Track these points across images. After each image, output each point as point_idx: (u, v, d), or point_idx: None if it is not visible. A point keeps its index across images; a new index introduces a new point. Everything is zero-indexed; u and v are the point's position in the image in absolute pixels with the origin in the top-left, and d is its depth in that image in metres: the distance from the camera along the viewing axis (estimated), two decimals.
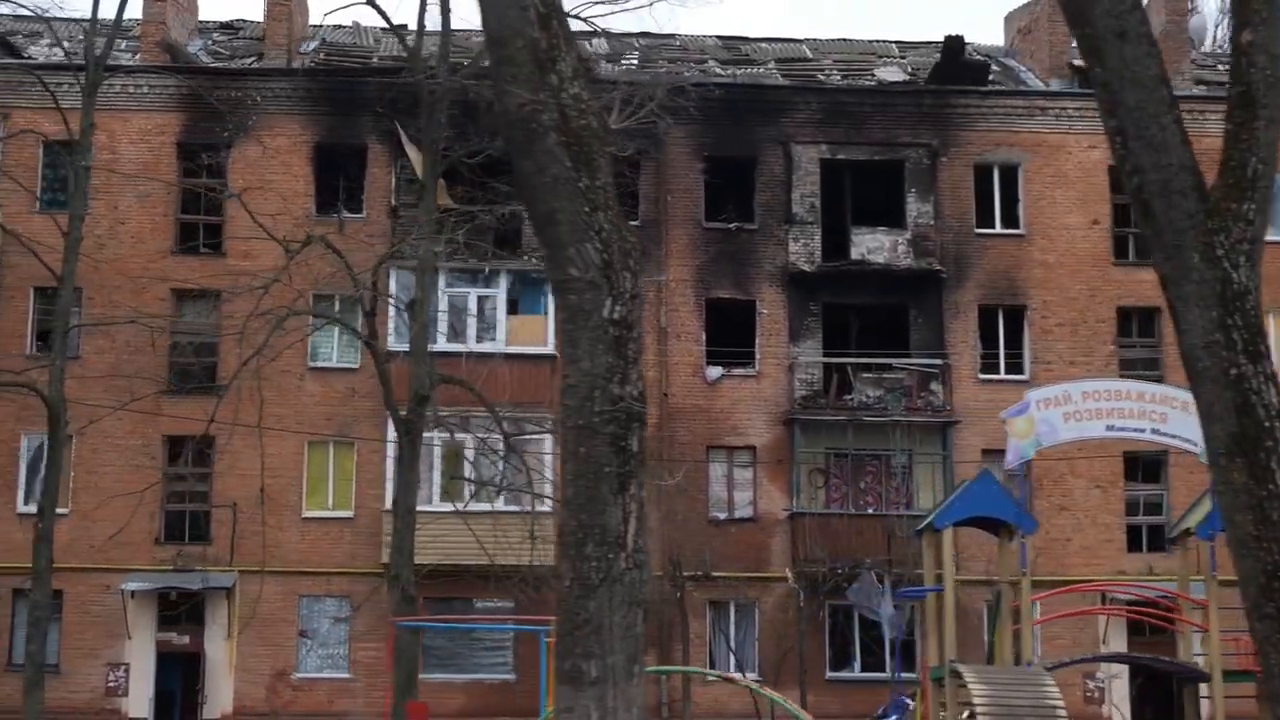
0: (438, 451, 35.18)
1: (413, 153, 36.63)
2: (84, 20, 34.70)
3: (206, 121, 36.72)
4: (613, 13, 26.31)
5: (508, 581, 32.91)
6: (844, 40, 45.58)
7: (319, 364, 36.38)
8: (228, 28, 43.35)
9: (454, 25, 29.34)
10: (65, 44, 39.66)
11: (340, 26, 42.97)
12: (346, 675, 35.16)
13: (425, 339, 26.66)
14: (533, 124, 9.72)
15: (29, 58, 38.69)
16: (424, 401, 25.88)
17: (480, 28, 10.33)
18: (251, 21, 43.35)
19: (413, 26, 30.78)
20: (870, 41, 45.64)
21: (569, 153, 9.77)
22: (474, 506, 34.85)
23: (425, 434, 34.61)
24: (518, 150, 9.93)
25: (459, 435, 31.20)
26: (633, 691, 9.69)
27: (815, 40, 45.40)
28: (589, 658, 9.62)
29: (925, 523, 23.79)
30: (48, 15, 32.85)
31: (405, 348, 35.20)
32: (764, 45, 44.35)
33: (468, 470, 33.31)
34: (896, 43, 45.04)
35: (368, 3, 26.79)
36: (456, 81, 27.49)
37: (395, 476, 34.78)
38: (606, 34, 31.83)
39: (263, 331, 34.58)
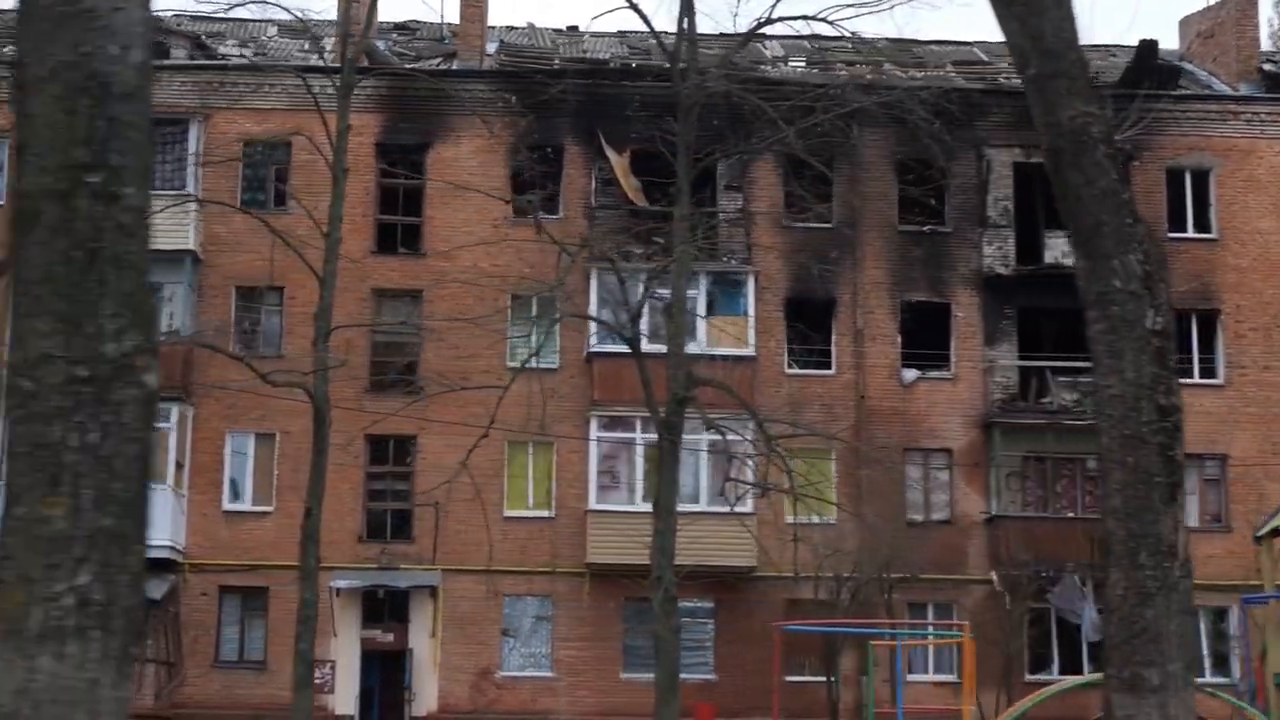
0: (640, 451, 35.41)
1: (612, 155, 36.89)
2: (321, 22, 35.15)
3: (406, 122, 37.12)
4: (859, 15, 26.10)
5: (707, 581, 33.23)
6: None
7: (517, 364, 36.52)
8: (403, 29, 43.69)
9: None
10: (248, 45, 40.32)
11: (514, 28, 43.29)
12: (549, 674, 35.37)
13: (683, 340, 26.75)
14: (1084, 136, 9.80)
15: (223, 58, 39.13)
16: (684, 403, 25.99)
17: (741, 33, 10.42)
18: (424, 22, 43.64)
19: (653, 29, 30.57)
20: None
21: (1114, 164, 9.89)
22: (683, 507, 35.16)
23: (629, 434, 35.03)
24: (1066, 162, 9.99)
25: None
26: (1189, 699, 9.76)
27: (985, 43, 45.25)
28: (1149, 665, 9.67)
29: (1265, 528, 23.67)
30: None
31: (607, 348, 35.74)
32: (935, 48, 44.28)
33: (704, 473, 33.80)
34: None
35: (630, 6, 26.72)
36: (724, 86, 27.57)
37: (594, 478, 35.22)
38: (857, 39, 31.88)
39: (461, 332, 35.13)
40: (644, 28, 30.08)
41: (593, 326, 35.81)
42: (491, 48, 42.00)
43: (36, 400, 5.09)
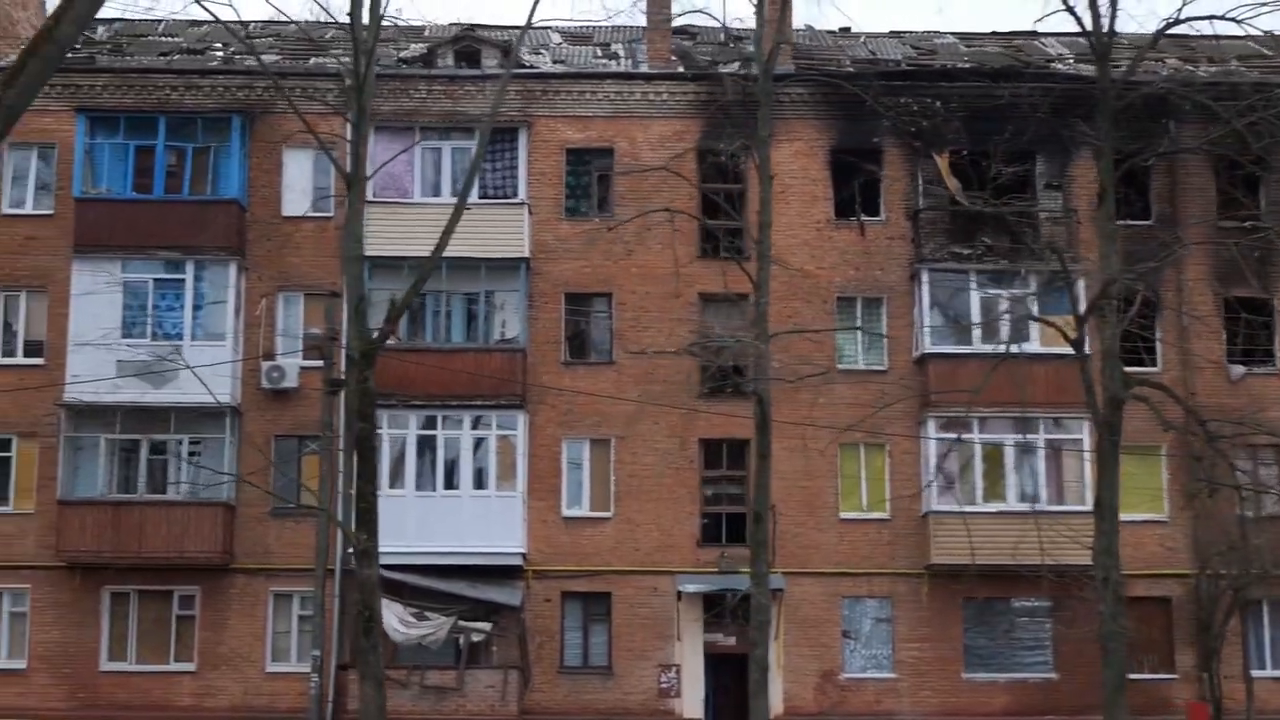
0: (979, 451, 35.44)
1: (939, 159, 36.84)
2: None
3: (726, 127, 37.11)
4: (1262, 13, 25.94)
5: (1048, 581, 33.12)
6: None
7: (845, 365, 36.64)
8: (682, 33, 43.60)
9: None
10: (540, 52, 40.35)
11: (799, 30, 43.21)
12: (891, 675, 35.38)
13: (1116, 344, 26.77)
14: None
15: (531, 66, 39.19)
16: (1119, 405, 25.99)
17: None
18: (701, 27, 43.51)
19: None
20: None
21: None
22: (1015, 506, 35.24)
23: (968, 435, 34.95)
24: None
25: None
26: None
27: None
28: None
29: None
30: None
31: (943, 349, 35.77)
32: None
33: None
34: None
35: (1066, 8, 26.65)
36: (1160, 88, 27.57)
37: (931, 479, 35.18)
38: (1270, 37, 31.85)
39: (788, 334, 35.14)
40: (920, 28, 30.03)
41: (924, 327, 35.90)
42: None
43: None
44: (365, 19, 25.27)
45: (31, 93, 15.23)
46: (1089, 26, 27.20)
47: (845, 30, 43.85)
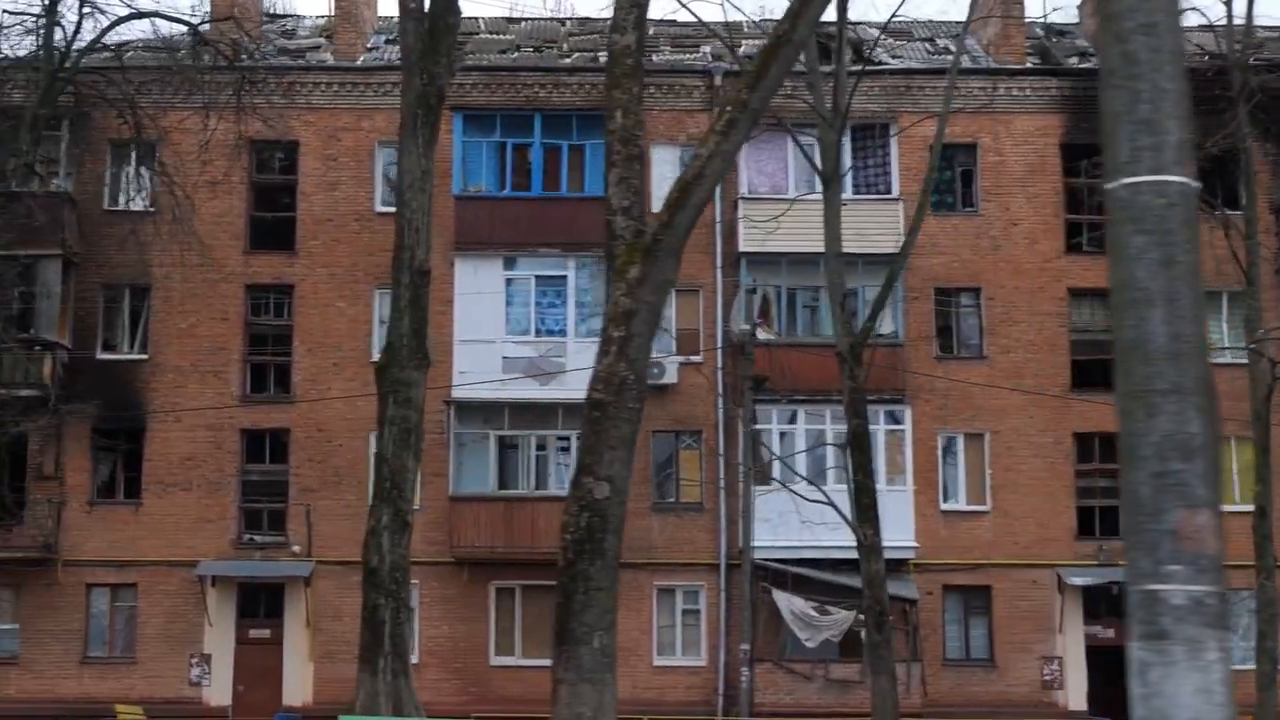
0: None
1: None
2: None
3: (1089, 123, 37.25)
4: None
5: None
6: None
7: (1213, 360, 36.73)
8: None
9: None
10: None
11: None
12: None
13: None
14: None
15: (879, 63, 39.29)
16: None
17: None
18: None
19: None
20: None
21: None
22: None
23: None
24: None
25: None
26: None
27: None
28: None
29: None
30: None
31: None
32: None
33: None
34: None
35: None
36: None
37: None
38: None
39: None
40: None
41: None
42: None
43: None
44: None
45: (771, 94, 15.51)
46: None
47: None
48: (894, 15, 33.40)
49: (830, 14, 28.90)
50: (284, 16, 43.44)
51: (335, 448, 35.94)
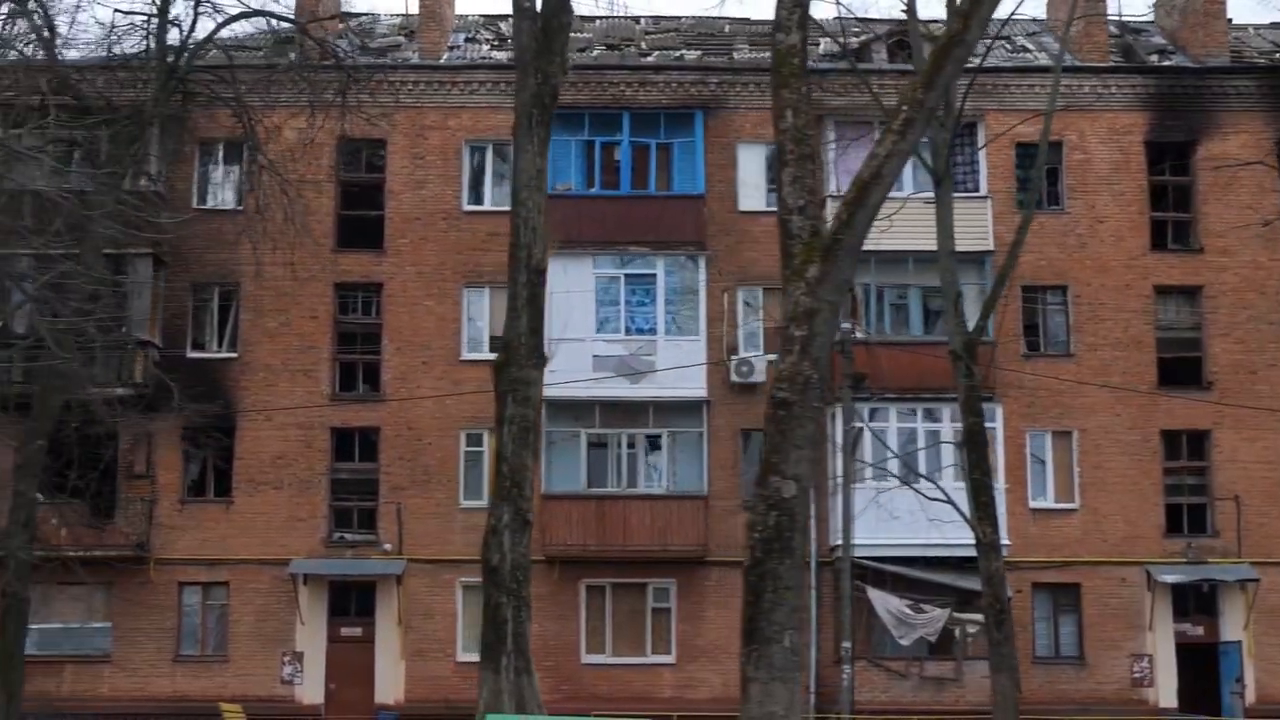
0: None
1: None
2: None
3: (1173, 120, 37.32)
4: None
5: None
6: None
7: None
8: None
9: None
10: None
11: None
12: None
13: None
14: None
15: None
16: None
17: None
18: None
19: None
20: None
21: None
22: None
23: None
24: None
25: None
26: None
27: None
28: None
29: None
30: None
31: None
32: None
33: None
34: None
35: None
36: None
37: None
38: None
39: (1246, 327, 35.35)
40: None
41: None
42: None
43: None
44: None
45: (945, 92, 15.54)
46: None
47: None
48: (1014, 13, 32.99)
49: (939, 9, 29.40)
50: (359, 15, 43.51)
51: (425, 446, 36.03)
